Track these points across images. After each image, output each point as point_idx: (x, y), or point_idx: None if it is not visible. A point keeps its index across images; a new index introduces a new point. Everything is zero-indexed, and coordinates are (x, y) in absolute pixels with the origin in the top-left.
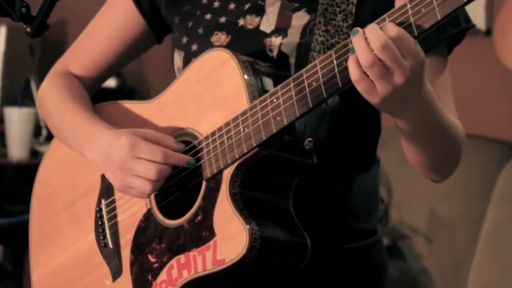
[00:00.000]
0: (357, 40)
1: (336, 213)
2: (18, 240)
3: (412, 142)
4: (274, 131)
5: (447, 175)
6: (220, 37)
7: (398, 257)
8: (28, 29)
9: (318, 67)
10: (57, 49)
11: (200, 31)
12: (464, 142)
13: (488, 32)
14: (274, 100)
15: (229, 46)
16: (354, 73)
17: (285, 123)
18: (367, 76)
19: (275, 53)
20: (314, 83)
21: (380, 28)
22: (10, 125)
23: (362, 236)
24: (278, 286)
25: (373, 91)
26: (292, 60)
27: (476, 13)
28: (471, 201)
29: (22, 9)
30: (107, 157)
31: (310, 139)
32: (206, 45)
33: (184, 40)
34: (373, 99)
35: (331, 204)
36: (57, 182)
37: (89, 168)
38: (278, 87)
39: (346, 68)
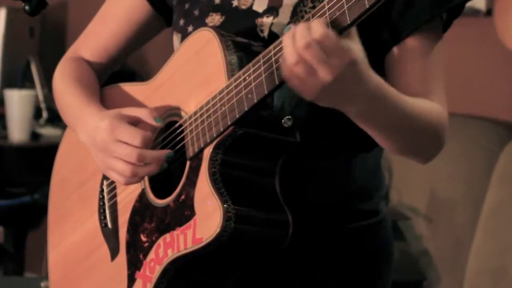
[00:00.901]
0: (286, 38)
1: (334, 193)
2: (19, 222)
3: (370, 131)
4: (246, 109)
5: (426, 159)
6: (214, 18)
7: (398, 238)
8: (27, 7)
9: (284, 42)
10: (57, 31)
11: (196, 12)
12: (445, 127)
13: (489, 12)
14: (247, 77)
15: (221, 27)
16: (284, 71)
17: (255, 100)
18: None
19: (266, 33)
20: (280, 59)
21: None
22: (10, 107)
23: (362, 217)
24: (274, 266)
25: (304, 88)
26: None
27: None
28: (471, 182)
29: None
30: (93, 139)
31: (289, 117)
32: (201, 26)
33: (181, 22)
34: (306, 96)
35: (328, 184)
36: (72, 163)
37: None
38: (250, 64)
39: None
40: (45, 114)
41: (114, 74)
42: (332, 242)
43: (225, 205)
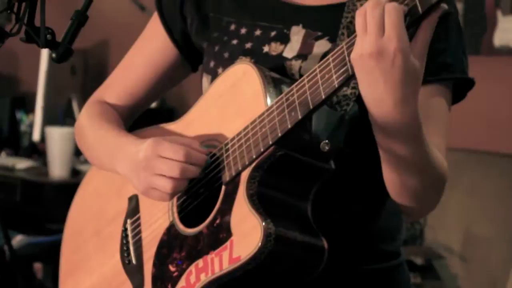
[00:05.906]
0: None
1: (359, 232)
2: (58, 258)
3: (404, 156)
4: (289, 126)
5: (427, 209)
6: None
7: (433, 277)
8: (54, 55)
9: (330, 59)
10: (98, 70)
11: (226, 55)
12: (445, 183)
13: None
14: (289, 97)
15: None
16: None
17: (299, 117)
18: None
19: (296, 76)
20: (326, 75)
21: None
22: (51, 144)
23: (384, 258)
24: None
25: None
26: None
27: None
28: (505, 221)
29: (48, 35)
30: (134, 161)
31: (327, 141)
32: None
33: (212, 64)
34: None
35: (354, 223)
36: (88, 213)
37: (118, 195)
38: (293, 85)
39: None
40: None
41: (153, 112)
42: (353, 283)
43: (264, 223)
